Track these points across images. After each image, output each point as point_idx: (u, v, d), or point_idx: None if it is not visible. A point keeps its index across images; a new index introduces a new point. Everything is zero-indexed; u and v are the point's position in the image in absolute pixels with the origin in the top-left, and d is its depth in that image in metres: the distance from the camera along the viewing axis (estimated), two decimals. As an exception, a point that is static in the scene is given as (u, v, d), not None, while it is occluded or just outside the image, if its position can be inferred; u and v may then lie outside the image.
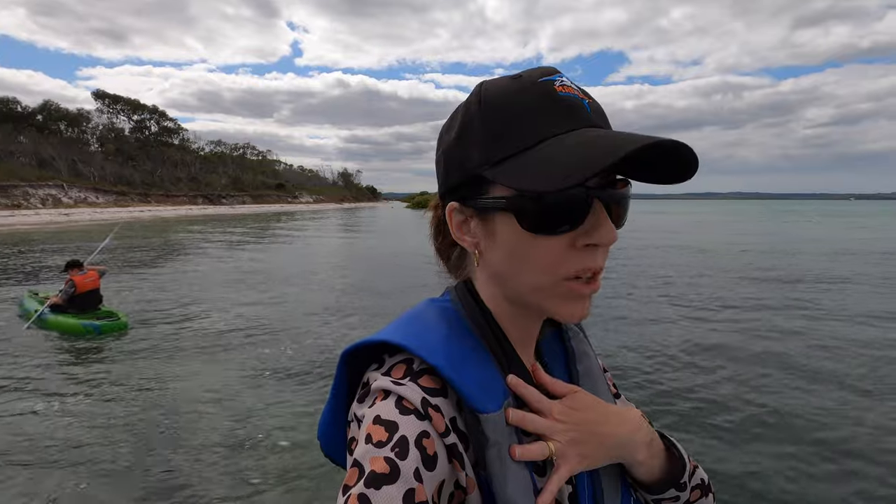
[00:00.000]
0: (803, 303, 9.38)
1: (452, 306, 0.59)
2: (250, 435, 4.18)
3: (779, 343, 6.81)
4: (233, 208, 75.54)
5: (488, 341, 0.56)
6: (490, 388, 0.52)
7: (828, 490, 3.48)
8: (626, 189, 0.52)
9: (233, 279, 12.08)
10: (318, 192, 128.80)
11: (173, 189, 76.65)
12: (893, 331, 7.38)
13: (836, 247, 20.09)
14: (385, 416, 0.47)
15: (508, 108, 0.50)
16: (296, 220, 46.72)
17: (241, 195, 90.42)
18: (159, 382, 5.40)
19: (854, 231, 30.99)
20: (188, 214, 56.21)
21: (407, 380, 0.50)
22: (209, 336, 7.22)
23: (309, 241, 23.84)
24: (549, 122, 0.49)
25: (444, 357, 0.51)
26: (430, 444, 0.47)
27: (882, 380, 5.42)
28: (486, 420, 0.49)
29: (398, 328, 0.55)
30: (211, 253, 18.09)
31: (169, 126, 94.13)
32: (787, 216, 58.39)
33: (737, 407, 4.79)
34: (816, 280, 11.95)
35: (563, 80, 0.51)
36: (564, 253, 0.50)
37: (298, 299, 9.72)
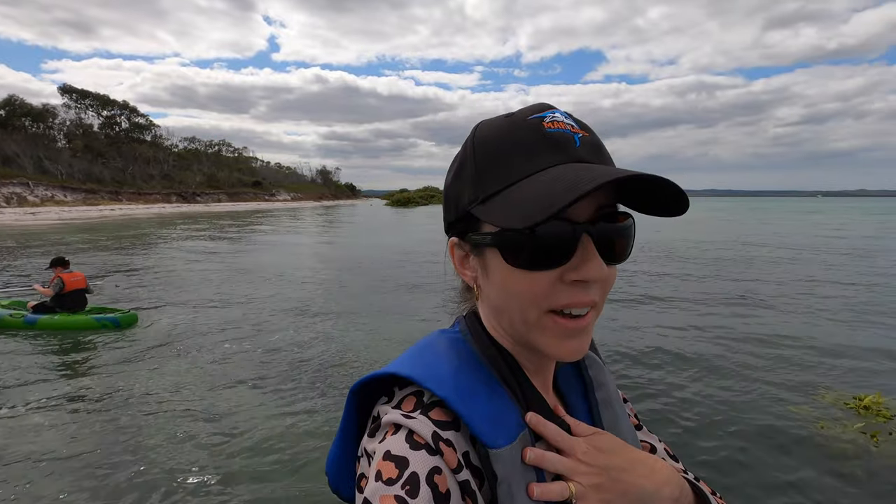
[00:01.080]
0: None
1: (462, 337, 0.59)
2: (236, 445, 4.22)
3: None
4: (208, 206, 74.10)
5: (501, 372, 0.55)
6: (501, 421, 0.50)
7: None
8: (625, 222, 0.51)
9: (207, 279, 11.96)
10: (296, 190, 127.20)
11: (146, 187, 74.75)
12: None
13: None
14: (395, 451, 0.46)
15: (497, 146, 0.51)
16: (272, 218, 46.13)
17: (217, 193, 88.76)
18: (139, 385, 5.40)
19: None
20: (162, 213, 54.92)
21: (417, 413, 0.49)
22: (187, 337, 7.19)
23: (285, 240, 23.64)
24: (533, 159, 0.49)
25: (453, 389, 0.50)
26: (443, 480, 0.45)
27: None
28: (495, 456, 0.48)
29: (407, 360, 0.55)
30: (185, 252, 17.82)
31: (140, 122, 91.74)
32: (776, 212, 60.00)
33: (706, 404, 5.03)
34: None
35: (555, 116, 0.51)
36: (552, 287, 0.49)
37: (271, 299, 9.72)
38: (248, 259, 16.50)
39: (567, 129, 0.51)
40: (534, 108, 0.53)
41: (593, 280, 0.49)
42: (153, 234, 26.14)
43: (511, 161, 0.50)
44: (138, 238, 23.89)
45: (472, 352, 0.57)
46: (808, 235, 25.75)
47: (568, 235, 0.48)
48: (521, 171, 0.49)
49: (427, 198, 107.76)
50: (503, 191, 0.50)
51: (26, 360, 6.29)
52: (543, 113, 0.52)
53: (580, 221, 0.48)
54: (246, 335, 7.41)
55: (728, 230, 29.87)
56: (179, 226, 33.33)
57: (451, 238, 0.58)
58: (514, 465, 0.49)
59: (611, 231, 0.50)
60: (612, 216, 0.51)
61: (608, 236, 0.50)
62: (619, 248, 0.51)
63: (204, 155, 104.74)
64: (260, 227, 33.59)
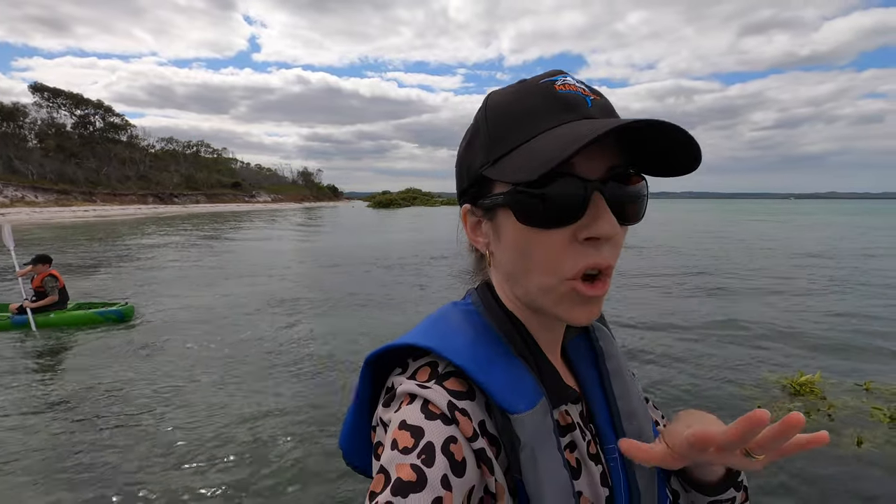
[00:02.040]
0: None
1: (475, 308, 0.59)
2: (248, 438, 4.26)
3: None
4: (185, 207, 72.99)
5: (514, 342, 0.55)
6: (519, 388, 0.51)
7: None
8: (638, 184, 0.52)
9: (182, 277, 11.88)
10: (277, 191, 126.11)
11: (121, 188, 73.33)
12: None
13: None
14: (411, 420, 0.47)
15: (508, 110, 0.52)
16: (249, 220, 45.67)
17: (195, 194, 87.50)
18: (127, 381, 5.41)
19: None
20: (137, 214, 53.90)
21: (432, 382, 0.50)
22: (175, 331, 7.19)
23: (262, 241, 23.51)
24: (545, 119, 0.49)
25: (471, 358, 0.51)
26: (458, 449, 0.46)
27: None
28: (516, 420, 0.48)
29: (422, 331, 0.55)
30: (161, 252, 17.61)
31: (116, 122, 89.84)
32: (757, 214, 61.58)
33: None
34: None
35: (567, 80, 0.52)
36: (566, 248, 0.49)
37: (249, 296, 9.74)
38: (224, 259, 16.40)
39: (579, 91, 0.51)
40: (545, 74, 0.54)
41: (606, 236, 0.48)
42: (127, 235, 25.72)
43: (522, 123, 0.50)
44: (112, 238, 23.48)
45: (485, 323, 0.57)
46: (769, 236, 26.60)
47: (580, 192, 0.48)
48: (531, 130, 0.49)
49: (409, 199, 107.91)
50: (514, 150, 0.50)
51: (27, 362, 6.24)
52: (555, 77, 0.52)
53: (592, 179, 0.48)
54: (230, 329, 7.44)
55: (696, 230, 30.65)
56: (154, 226, 32.82)
57: (463, 205, 0.59)
58: (536, 429, 0.49)
59: (622, 191, 0.50)
60: (625, 177, 0.51)
61: (620, 196, 0.50)
62: (631, 210, 0.51)
63: (182, 156, 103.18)
64: (238, 228, 33.27)
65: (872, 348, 6.46)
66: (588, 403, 0.60)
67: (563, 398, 0.55)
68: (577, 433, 0.55)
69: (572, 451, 0.54)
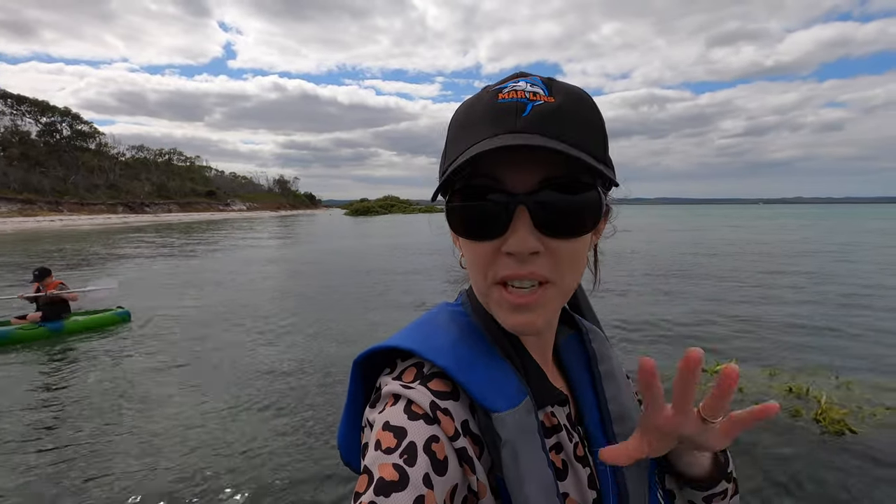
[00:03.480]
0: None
1: (464, 310, 0.60)
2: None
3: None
4: (157, 217, 71.59)
5: (500, 343, 0.56)
6: (502, 387, 0.51)
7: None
8: (581, 194, 0.49)
9: (150, 287, 11.91)
10: (253, 200, 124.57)
11: (89, 197, 71.57)
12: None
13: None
14: (394, 421, 0.47)
15: (457, 122, 0.53)
16: (222, 228, 45.16)
17: (167, 203, 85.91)
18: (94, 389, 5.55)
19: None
20: (106, 223, 52.68)
21: (416, 383, 0.50)
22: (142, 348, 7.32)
23: (233, 250, 23.43)
24: (479, 131, 0.49)
25: (453, 359, 0.51)
26: (440, 448, 0.46)
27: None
28: (497, 419, 0.49)
29: (408, 333, 0.56)
30: (128, 262, 17.45)
31: (84, 129, 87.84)
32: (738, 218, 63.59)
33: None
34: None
35: (517, 85, 0.50)
36: (491, 258, 0.50)
37: (220, 304, 9.87)
38: (191, 267, 16.38)
39: (524, 97, 0.49)
40: (506, 78, 0.53)
41: (516, 252, 0.47)
42: (94, 244, 25.28)
43: (464, 134, 0.51)
44: (77, 249, 23.07)
45: (472, 324, 0.57)
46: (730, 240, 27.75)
47: (500, 207, 0.48)
48: (466, 142, 0.50)
49: (387, 207, 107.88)
50: (450, 164, 0.50)
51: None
52: (506, 84, 0.51)
53: (516, 193, 0.47)
54: (205, 335, 7.61)
55: (669, 235, 31.69)
56: (122, 236, 32.25)
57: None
58: (518, 428, 0.49)
59: (553, 202, 0.48)
60: (562, 187, 0.48)
61: (551, 208, 0.48)
62: (567, 220, 0.49)
63: (153, 164, 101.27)
64: (210, 237, 32.94)
65: (783, 339, 7.08)
66: (578, 406, 0.60)
67: (549, 399, 0.55)
68: (563, 435, 0.55)
69: (558, 453, 0.54)
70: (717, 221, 52.67)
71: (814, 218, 62.50)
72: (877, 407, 4.57)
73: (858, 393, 4.94)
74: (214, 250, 22.29)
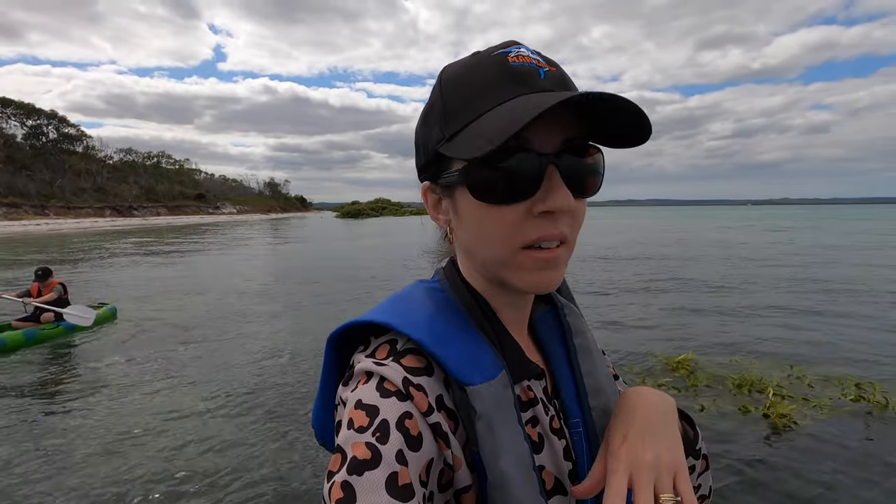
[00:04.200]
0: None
1: (440, 286, 0.60)
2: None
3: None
4: (146, 220, 71.03)
5: (476, 319, 0.56)
6: (478, 361, 0.51)
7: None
8: (594, 157, 0.52)
9: (139, 290, 11.95)
10: (243, 203, 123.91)
11: (76, 200, 70.89)
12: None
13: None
14: (366, 399, 0.47)
15: (462, 84, 0.51)
16: (210, 232, 44.98)
17: (156, 206, 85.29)
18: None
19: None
20: (94, 227, 52.20)
21: (390, 360, 0.50)
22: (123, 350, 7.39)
23: (221, 253, 23.42)
24: (497, 93, 0.49)
25: (429, 333, 0.51)
26: (414, 424, 0.46)
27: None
28: (472, 392, 0.49)
29: (383, 308, 0.56)
30: (116, 265, 17.42)
31: (70, 132, 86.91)
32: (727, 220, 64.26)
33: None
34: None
35: (521, 51, 0.51)
36: (521, 222, 0.49)
37: (208, 305, 9.95)
38: (177, 271, 16.41)
39: (532, 62, 0.50)
40: (499, 45, 0.53)
41: (560, 210, 0.48)
42: (77, 248, 25.13)
43: (476, 96, 0.50)
44: (61, 252, 22.94)
45: (448, 300, 0.57)
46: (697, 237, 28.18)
47: (534, 167, 0.48)
48: (484, 104, 0.49)
49: (378, 209, 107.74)
50: (467, 126, 0.49)
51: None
52: (509, 49, 0.51)
53: (546, 153, 0.48)
54: (192, 334, 7.71)
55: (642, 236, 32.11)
56: (103, 239, 32.06)
57: (423, 183, 0.58)
58: (494, 401, 0.49)
59: (577, 164, 0.50)
60: (580, 149, 0.51)
61: (575, 168, 0.49)
62: (587, 182, 0.51)
63: (142, 167, 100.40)
64: (198, 239, 32.83)
65: (745, 332, 7.33)
66: (554, 379, 0.61)
67: (526, 374, 0.55)
68: (539, 408, 0.55)
69: (534, 426, 0.54)
70: (703, 224, 53.27)
71: (800, 219, 63.38)
72: (822, 399, 4.80)
73: (808, 384, 5.17)
74: (201, 253, 22.27)
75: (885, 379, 5.20)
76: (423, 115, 0.57)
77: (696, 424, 0.63)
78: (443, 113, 0.52)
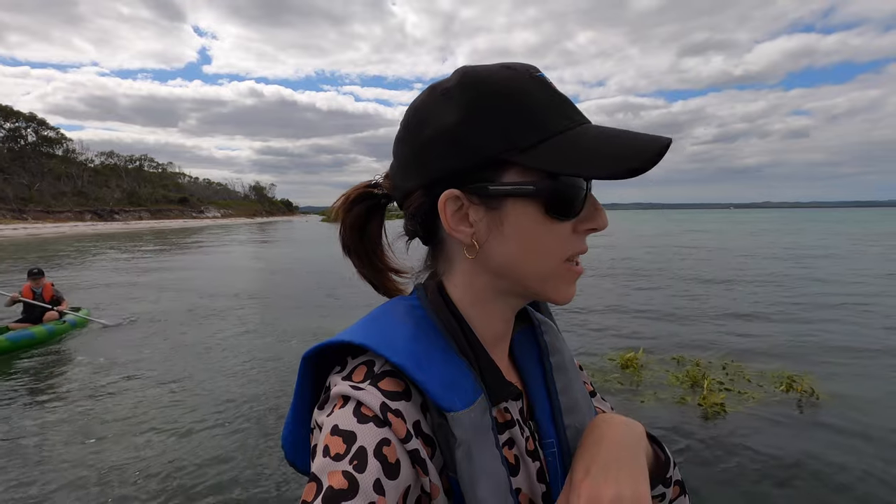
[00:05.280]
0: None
1: (420, 304, 0.57)
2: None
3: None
4: (127, 224, 70.00)
5: (456, 339, 0.55)
6: (458, 386, 0.50)
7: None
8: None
9: (112, 294, 12.00)
10: (228, 207, 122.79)
11: (56, 205, 69.76)
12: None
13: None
14: (343, 426, 0.46)
15: (522, 95, 0.50)
16: (192, 236, 44.64)
17: (138, 210, 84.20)
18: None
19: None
20: (74, 231, 51.42)
21: (367, 383, 0.49)
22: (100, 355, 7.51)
23: (203, 256, 23.39)
24: (563, 113, 0.50)
25: (408, 356, 0.50)
26: (391, 451, 0.45)
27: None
28: (453, 419, 0.48)
29: (360, 328, 0.54)
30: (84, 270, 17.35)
31: (50, 135, 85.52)
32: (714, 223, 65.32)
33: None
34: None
35: (546, 76, 0.53)
36: (569, 238, 0.52)
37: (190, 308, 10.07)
38: (162, 272, 16.43)
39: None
40: (529, 66, 0.53)
41: (603, 228, 0.53)
42: (52, 253, 24.89)
43: (542, 111, 0.49)
44: (32, 256, 22.72)
45: (427, 319, 0.56)
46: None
47: (583, 188, 0.51)
48: (558, 122, 0.49)
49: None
50: (548, 139, 0.49)
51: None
52: (542, 73, 0.52)
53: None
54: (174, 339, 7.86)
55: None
56: (81, 244, 31.69)
57: (444, 192, 0.52)
58: (473, 427, 0.49)
59: (589, 186, 0.52)
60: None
61: (590, 191, 0.53)
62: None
63: (124, 170, 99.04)
64: (181, 243, 32.62)
65: (696, 330, 7.76)
66: (530, 399, 0.60)
67: (504, 395, 0.55)
68: (515, 430, 0.55)
69: (511, 448, 0.54)
70: (678, 227, 54.20)
71: (782, 222, 64.75)
72: (754, 390, 5.19)
73: (745, 377, 5.56)
74: (183, 257, 22.23)
75: (815, 371, 5.61)
76: (455, 117, 0.51)
77: (666, 449, 0.63)
78: (504, 118, 0.49)
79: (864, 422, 4.45)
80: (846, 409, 4.73)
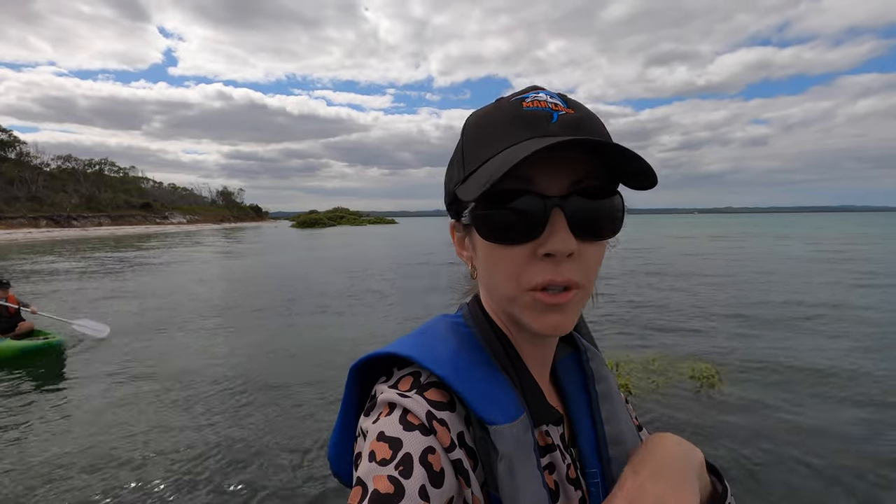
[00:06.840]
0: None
1: (464, 322, 0.59)
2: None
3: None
4: (86, 230, 67.45)
5: (498, 357, 0.55)
6: (500, 400, 0.50)
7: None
8: (607, 199, 0.51)
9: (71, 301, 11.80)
10: (193, 212, 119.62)
11: (8, 210, 66.66)
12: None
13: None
14: (389, 432, 0.46)
15: (478, 129, 0.53)
16: (152, 242, 43.57)
17: (98, 216, 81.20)
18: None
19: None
20: (27, 238, 49.31)
21: (413, 392, 0.49)
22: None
23: (163, 263, 22.98)
24: (507, 136, 0.50)
25: (452, 369, 0.51)
26: (436, 459, 0.45)
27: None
28: (496, 432, 0.48)
29: (407, 341, 0.55)
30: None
31: (1, 138, 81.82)
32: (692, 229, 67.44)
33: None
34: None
35: (538, 96, 0.52)
36: (526, 263, 0.49)
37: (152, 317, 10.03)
38: (123, 282, 16.16)
39: (548, 107, 0.50)
40: (522, 91, 0.54)
41: (559, 252, 0.47)
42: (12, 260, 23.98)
43: (488, 140, 0.51)
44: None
45: (471, 336, 0.57)
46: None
47: (539, 209, 0.48)
48: (493, 149, 0.50)
49: (336, 219, 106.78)
50: (478, 169, 0.50)
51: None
52: (527, 94, 0.53)
53: (551, 195, 0.48)
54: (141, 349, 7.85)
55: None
56: (32, 252, 30.61)
57: (451, 221, 0.59)
58: (515, 443, 0.48)
59: (587, 206, 0.49)
60: (591, 191, 0.50)
61: (583, 211, 0.49)
62: (596, 224, 0.50)
63: (82, 174, 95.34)
64: (139, 249, 31.86)
65: (651, 329, 8.28)
66: (573, 426, 0.60)
67: (545, 418, 0.54)
68: (556, 455, 0.54)
69: (551, 473, 0.53)
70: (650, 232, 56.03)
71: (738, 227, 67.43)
72: (660, 377, 5.72)
73: (656, 367, 6.09)
74: (143, 265, 21.81)
75: (725, 364, 6.20)
76: (451, 159, 0.58)
77: (725, 481, 0.61)
78: (460, 156, 0.54)
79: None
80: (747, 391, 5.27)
